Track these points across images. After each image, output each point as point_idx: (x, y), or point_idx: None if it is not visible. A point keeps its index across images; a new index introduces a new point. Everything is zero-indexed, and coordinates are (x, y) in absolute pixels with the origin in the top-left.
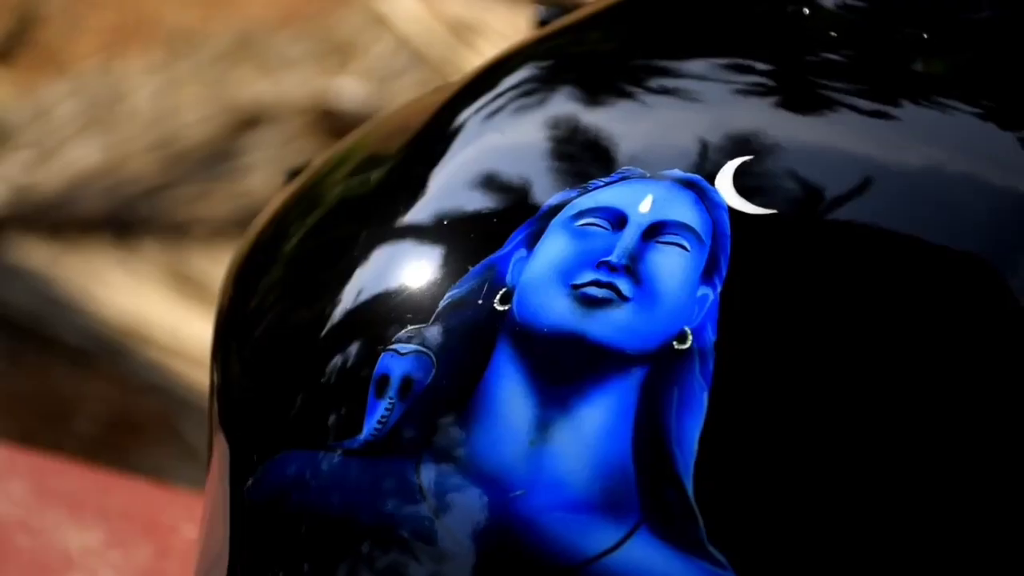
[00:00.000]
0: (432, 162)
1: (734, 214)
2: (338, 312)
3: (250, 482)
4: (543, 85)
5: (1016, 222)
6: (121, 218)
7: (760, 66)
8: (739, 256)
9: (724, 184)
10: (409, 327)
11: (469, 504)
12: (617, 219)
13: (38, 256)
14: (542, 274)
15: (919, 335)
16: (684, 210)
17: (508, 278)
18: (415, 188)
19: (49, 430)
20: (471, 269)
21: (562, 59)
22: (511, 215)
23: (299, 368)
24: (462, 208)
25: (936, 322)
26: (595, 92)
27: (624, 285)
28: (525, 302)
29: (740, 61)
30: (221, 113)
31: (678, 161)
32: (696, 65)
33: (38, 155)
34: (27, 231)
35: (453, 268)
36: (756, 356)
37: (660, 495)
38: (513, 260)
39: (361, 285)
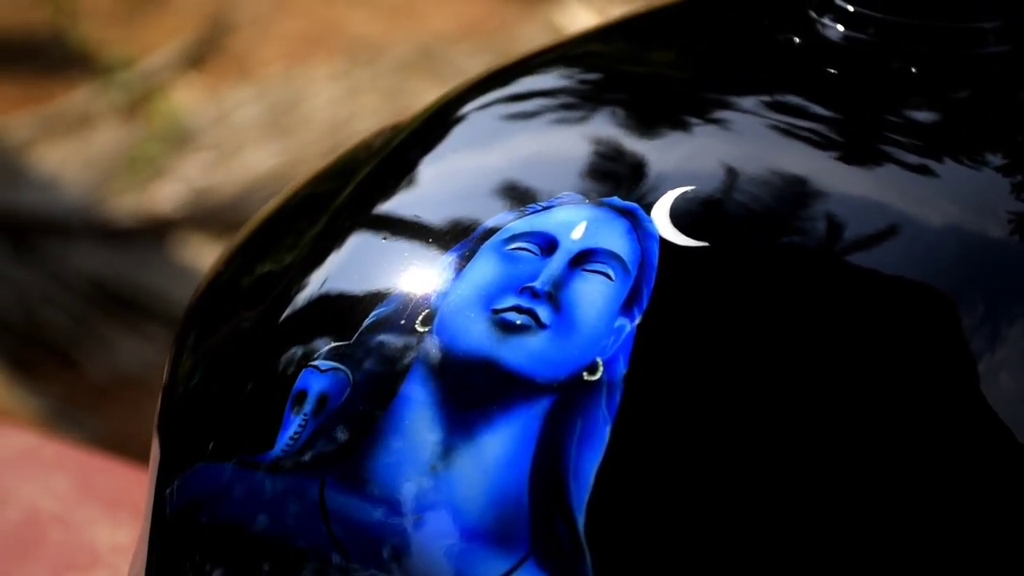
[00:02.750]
0: (425, 149)
1: (665, 245)
2: (301, 299)
3: (170, 490)
4: (524, 96)
5: (979, 262)
6: None
7: (741, 101)
8: (662, 288)
9: (660, 214)
10: (333, 344)
11: (369, 527)
12: (548, 244)
13: (207, 256)
14: (465, 297)
15: (833, 388)
16: (615, 238)
17: (433, 299)
18: (399, 175)
19: None
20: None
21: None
22: (449, 234)
23: (242, 369)
24: (412, 217)
25: (853, 374)
26: (575, 115)
27: (544, 312)
28: (445, 324)
29: (717, 95)
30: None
31: (618, 190)
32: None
33: (217, 157)
34: (199, 231)
35: (386, 284)
36: (663, 392)
37: (551, 528)
38: None
39: (327, 274)
